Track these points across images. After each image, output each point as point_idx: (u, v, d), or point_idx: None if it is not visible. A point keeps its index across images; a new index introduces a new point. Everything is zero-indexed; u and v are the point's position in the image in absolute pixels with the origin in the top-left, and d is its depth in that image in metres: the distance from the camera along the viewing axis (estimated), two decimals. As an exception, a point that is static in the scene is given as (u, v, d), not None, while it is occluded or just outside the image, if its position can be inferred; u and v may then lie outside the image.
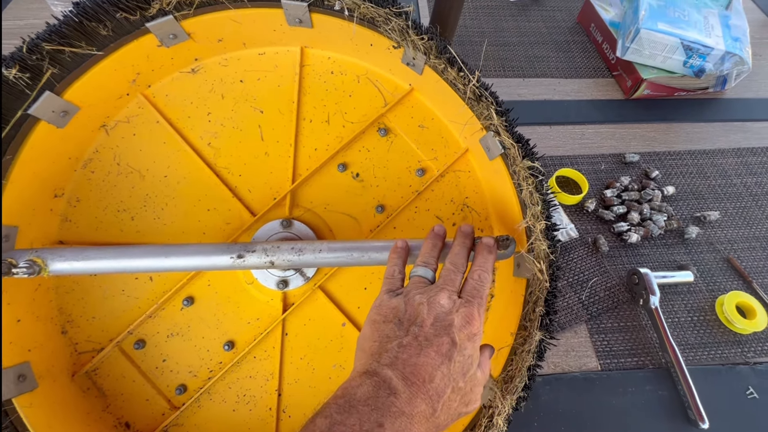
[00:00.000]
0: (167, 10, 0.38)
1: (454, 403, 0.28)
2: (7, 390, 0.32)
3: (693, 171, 0.72)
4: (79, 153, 0.41)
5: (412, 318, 0.30)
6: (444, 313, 0.30)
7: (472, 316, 0.30)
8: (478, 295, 0.32)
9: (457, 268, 0.33)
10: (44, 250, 0.34)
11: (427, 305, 0.30)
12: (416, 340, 0.28)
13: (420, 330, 0.29)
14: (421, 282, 0.33)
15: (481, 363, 0.31)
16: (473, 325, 0.30)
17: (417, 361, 0.27)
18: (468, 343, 0.29)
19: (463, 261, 0.34)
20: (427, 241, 0.37)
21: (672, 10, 0.77)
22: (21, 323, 0.36)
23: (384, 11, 0.36)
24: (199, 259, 0.36)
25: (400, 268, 0.35)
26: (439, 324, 0.29)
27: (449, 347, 0.28)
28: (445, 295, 0.31)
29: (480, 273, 0.33)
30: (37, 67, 0.34)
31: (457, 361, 0.28)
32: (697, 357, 0.54)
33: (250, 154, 0.44)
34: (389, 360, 0.28)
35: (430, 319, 0.29)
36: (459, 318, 0.30)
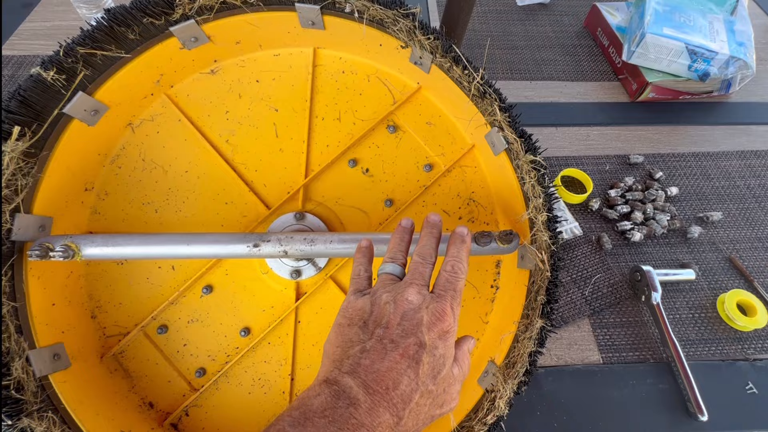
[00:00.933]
0: (189, 15, 0.40)
1: (423, 407, 0.26)
2: (44, 367, 0.35)
3: (697, 173, 0.73)
4: (107, 149, 0.43)
5: (377, 319, 0.28)
6: (412, 310, 0.28)
7: (443, 311, 0.28)
8: (451, 288, 0.30)
9: (425, 259, 0.32)
10: (77, 237, 0.36)
11: (393, 304, 0.28)
12: (381, 343, 0.26)
13: (385, 332, 0.27)
14: (389, 279, 0.31)
15: (458, 358, 0.29)
16: (445, 321, 0.28)
17: (380, 366, 0.25)
18: (439, 342, 0.27)
19: (431, 252, 0.32)
20: (394, 236, 0.35)
21: (677, 15, 0.78)
22: (55, 307, 0.38)
23: (392, 13, 0.39)
24: (218, 247, 0.38)
25: (365, 266, 0.34)
26: (407, 323, 0.27)
27: (417, 349, 0.26)
28: (414, 291, 0.29)
29: (453, 263, 0.31)
30: (72, 70, 0.37)
31: (426, 363, 0.26)
32: (698, 352, 0.55)
33: (265, 150, 0.46)
34: (350, 367, 0.26)
35: (396, 319, 0.28)
36: (429, 315, 0.28)
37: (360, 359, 0.26)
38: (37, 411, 0.33)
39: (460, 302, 0.30)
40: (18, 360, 0.33)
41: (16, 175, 0.34)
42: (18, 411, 0.32)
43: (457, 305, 0.30)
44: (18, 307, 0.35)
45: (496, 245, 0.39)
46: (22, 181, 0.35)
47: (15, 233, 0.35)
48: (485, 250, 0.39)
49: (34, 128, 0.35)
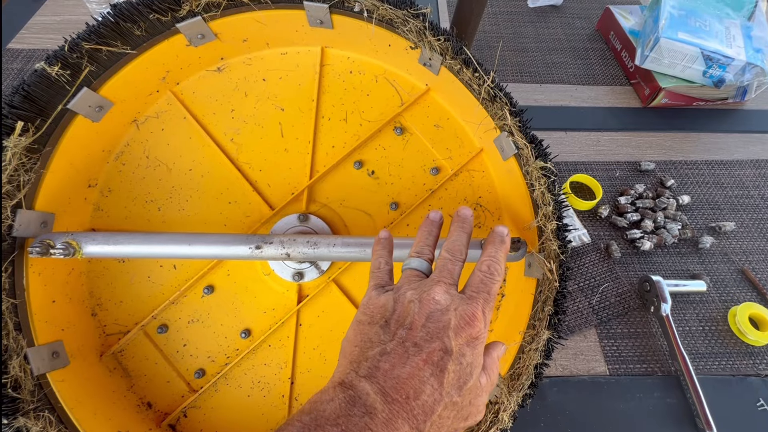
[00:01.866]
0: (196, 12, 0.40)
1: (447, 420, 0.24)
2: (43, 365, 0.34)
3: (709, 181, 0.71)
4: (111, 146, 0.43)
5: (400, 319, 0.26)
6: (439, 311, 0.26)
7: (473, 315, 0.26)
8: (485, 290, 0.27)
9: (454, 256, 0.29)
10: (79, 234, 0.36)
11: (419, 303, 0.26)
12: (402, 346, 0.24)
13: (408, 333, 0.25)
14: (415, 275, 0.29)
15: (486, 367, 0.27)
16: (474, 326, 0.25)
17: (401, 372, 0.23)
18: (467, 349, 0.25)
19: (461, 248, 0.30)
20: (421, 229, 0.32)
21: (693, 19, 0.76)
22: (55, 304, 0.38)
23: (402, 13, 0.38)
24: (220, 248, 0.37)
25: (386, 259, 0.31)
26: (432, 325, 0.25)
27: (442, 355, 0.24)
28: (441, 290, 0.27)
29: (490, 263, 0.29)
30: (77, 65, 0.36)
31: (451, 372, 0.24)
32: (707, 366, 0.54)
33: (270, 150, 0.46)
34: (368, 370, 0.23)
35: (421, 320, 0.25)
36: (457, 318, 0.25)
37: (379, 362, 0.24)
38: (34, 410, 0.32)
39: (493, 306, 0.28)
40: (16, 358, 0.32)
41: (19, 171, 0.34)
42: (14, 410, 0.31)
43: (489, 310, 0.27)
44: (18, 304, 0.34)
45: (503, 253, 0.38)
46: (24, 177, 0.34)
47: (16, 229, 0.34)
48: (492, 257, 0.38)
49: (37, 124, 0.35)
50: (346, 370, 0.24)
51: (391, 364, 0.24)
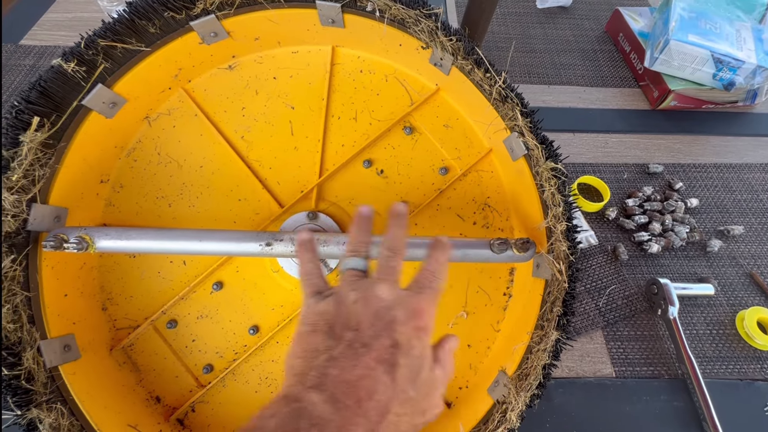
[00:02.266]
0: (210, 10, 0.40)
1: (404, 417, 0.23)
2: (55, 358, 0.35)
3: (718, 184, 0.71)
4: (124, 142, 0.43)
5: (345, 321, 0.25)
6: (385, 308, 0.25)
7: (420, 308, 0.26)
8: (430, 286, 0.27)
9: (394, 252, 0.29)
10: (92, 229, 0.36)
11: (363, 302, 0.25)
12: (351, 348, 0.23)
13: (356, 335, 0.24)
14: (354, 275, 0.28)
15: (440, 359, 0.26)
16: (421, 318, 0.25)
17: (351, 375, 0.22)
18: (416, 341, 0.24)
19: (400, 244, 0.30)
20: (353, 227, 0.31)
21: (703, 22, 0.76)
22: (67, 298, 0.38)
23: (414, 13, 0.38)
24: (230, 245, 0.38)
25: (315, 263, 0.30)
26: (380, 323, 0.24)
27: (393, 351, 0.23)
28: (385, 287, 0.26)
29: (434, 265, 0.29)
30: (92, 62, 0.37)
31: (403, 366, 0.23)
32: (714, 370, 0.54)
33: (280, 148, 0.46)
34: (315, 379, 0.22)
35: (368, 319, 0.24)
36: (403, 311, 0.25)
37: (327, 369, 0.22)
38: (47, 402, 0.33)
39: (436, 303, 0.27)
40: (29, 350, 0.33)
41: (34, 166, 0.34)
42: (28, 401, 0.32)
43: (434, 305, 0.27)
44: (31, 297, 0.35)
45: (512, 253, 0.38)
46: (39, 171, 0.35)
47: (31, 223, 0.35)
48: (501, 257, 0.38)
49: (53, 119, 0.36)
50: (291, 383, 0.23)
51: (340, 369, 0.22)
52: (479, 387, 0.42)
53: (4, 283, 0.32)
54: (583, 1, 1.00)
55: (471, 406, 0.41)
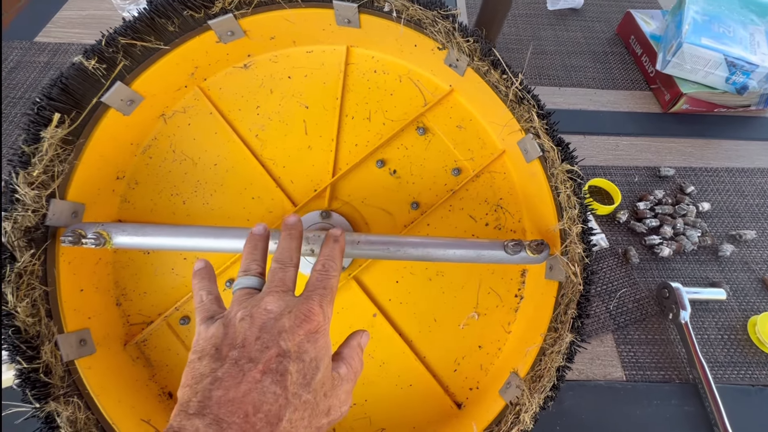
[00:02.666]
0: (228, 9, 0.40)
1: (302, 422, 0.23)
2: (71, 352, 0.35)
3: (730, 189, 0.70)
4: (140, 139, 0.44)
5: (232, 340, 0.24)
6: (272, 319, 0.25)
7: (309, 311, 0.25)
8: (321, 286, 0.27)
9: (284, 264, 0.28)
10: (109, 225, 0.36)
11: (250, 319, 0.25)
12: (236, 366, 0.23)
13: (241, 352, 0.23)
14: (245, 294, 0.28)
15: (345, 357, 0.27)
16: (312, 320, 0.25)
17: (236, 393, 0.21)
18: (308, 345, 0.24)
19: (290, 254, 0.29)
20: (245, 246, 0.31)
21: (717, 25, 0.76)
22: (83, 293, 0.39)
23: (432, 14, 0.38)
24: (244, 242, 0.38)
25: (208, 289, 0.30)
26: (267, 335, 0.24)
27: (280, 360, 0.23)
28: (273, 299, 0.26)
29: (324, 262, 0.29)
30: (112, 59, 0.37)
31: (294, 372, 0.23)
32: (726, 375, 0.53)
33: (294, 147, 0.46)
34: (198, 405, 0.21)
35: (254, 334, 0.24)
36: (291, 319, 0.25)
37: (211, 392, 0.22)
38: (64, 395, 0.33)
39: (332, 300, 0.27)
40: (48, 344, 0.33)
41: (54, 162, 0.35)
42: (46, 395, 0.32)
43: (327, 303, 0.27)
44: (49, 291, 0.35)
45: (526, 254, 0.38)
46: (58, 167, 0.35)
47: (49, 218, 0.35)
48: (514, 258, 0.38)
49: (72, 116, 0.36)
50: (174, 413, 0.22)
51: (224, 389, 0.22)
52: (490, 388, 0.42)
53: (24, 277, 0.33)
54: (594, 3, 1.00)
55: (482, 407, 0.41)
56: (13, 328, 0.32)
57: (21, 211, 0.33)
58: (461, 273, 0.46)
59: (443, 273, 0.46)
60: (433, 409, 0.44)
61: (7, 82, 0.73)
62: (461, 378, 0.44)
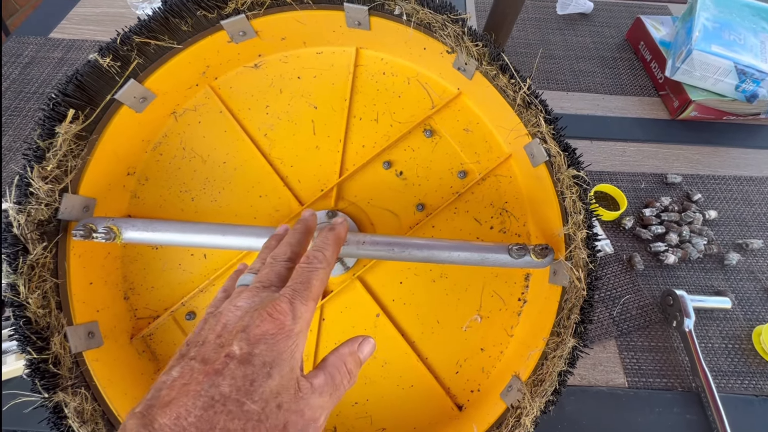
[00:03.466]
0: (241, 10, 0.41)
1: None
2: (80, 344, 0.36)
3: (737, 197, 0.70)
4: (150, 136, 0.44)
5: (197, 338, 0.23)
6: (236, 317, 0.23)
7: (274, 309, 0.22)
8: (299, 280, 0.24)
9: (275, 259, 0.26)
10: (119, 220, 0.37)
11: (219, 315, 0.23)
12: (188, 366, 0.21)
13: (199, 350, 0.22)
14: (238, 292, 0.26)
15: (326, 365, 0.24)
16: (274, 320, 0.22)
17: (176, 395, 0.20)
18: (262, 347, 0.21)
19: (285, 250, 0.27)
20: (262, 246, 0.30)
21: (727, 32, 0.75)
22: (92, 286, 0.39)
23: (441, 17, 0.38)
24: (252, 240, 0.38)
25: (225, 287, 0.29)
26: (227, 334, 0.22)
27: (225, 361, 0.21)
28: (247, 295, 0.24)
29: (312, 253, 0.26)
30: (127, 57, 0.38)
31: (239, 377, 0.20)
32: (729, 385, 0.53)
33: (302, 146, 0.47)
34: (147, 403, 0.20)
35: (215, 332, 0.22)
36: (255, 317, 0.22)
37: (159, 391, 0.20)
38: (72, 386, 0.34)
39: (309, 298, 0.24)
40: (57, 335, 0.34)
41: (67, 157, 0.35)
42: (54, 385, 0.33)
43: (301, 301, 0.23)
44: (60, 284, 0.36)
45: (530, 259, 0.38)
46: (72, 162, 0.36)
47: (61, 212, 0.36)
48: (519, 262, 0.39)
49: (86, 112, 0.37)
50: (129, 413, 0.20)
51: (167, 391, 0.20)
52: (491, 391, 0.42)
53: (36, 269, 0.33)
54: (603, 9, 0.99)
55: (483, 410, 0.41)
56: (24, 319, 0.32)
57: (34, 205, 0.33)
58: (465, 275, 0.46)
59: (447, 275, 0.46)
60: (434, 410, 0.44)
61: (22, 78, 0.74)
62: (463, 380, 0.45)
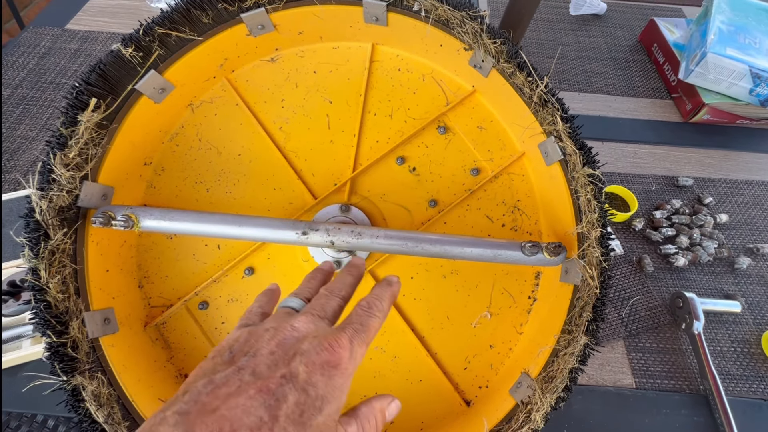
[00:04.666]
0: (260, 3, 0.41)
1: None
2: (96, 329, 0.36)
3: (749, 201, 0.70)
4: (168, 127, 0.45)
5: (246, 347, 0.22)
6: (294, 338, 0.22)
7: (336, 342, 0.22)
8: (358, 322, 0.24)
9: (331, 292, 0.27)
10: (137, 208, 0.38)
11: (273, 330, 0.23)
12: (237, 375, 0.20)
13: (250, 361, 0.21)
14: (285, 312, 0.26)
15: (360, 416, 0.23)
16: (335, 352, 0.22)
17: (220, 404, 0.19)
18: (319, 378, 0.21)
19: (341, 286, 0.27)
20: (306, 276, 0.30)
21: (742, 36, 0.75)
22: (109, 273, 0.40)
23: (461, 14, 0.39)
24: (267, 232, 0.39)
25: (261, 302, 0.29)
26: (281, 351, 0.22)
27: (283, 382, 0.20)
28: (305, 319, 0.24)
29: (371, 300, 0.26)
30: (148, 48, 0.38)
31: (291, 402, 0.20)
32: (738, 388, 0.53)
33: (316, 140, 0.47)
34: (183, 406, 0.19)
35: (269, 347, 0.22)
36: (314, 344, 0.22)
37: (200, 395, 0.19)
38: (89, 370, 0.34)
39: (366, 341, 0.24)
40: (75, 320, 0.34)
41: (89, 145, 0.36)
42: (73, 368, 0.33)
43: (359, 342, 0.23)
44: (78, 270, 0.36)
45: (543, 256, 0.39)
46: (92, 150, 0.36)
47: (81, 200, 0.36)
48: (531, 260, 0.39)
49: (108, 101, 0.37)
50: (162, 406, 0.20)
51: (213, 396, 0.19)
52: (500, 387, 0.43)
53: (56, 255, 0.34)
54: (617, 10, 0.99)
55: (491, 406, 0.42)
56: (44, 303, 0.33)
57: (56, 191, 0.34)
58: (476, 272, 0.46)
59: (458, 271, 0.46)
60: (442, 405, 0.44)
61: (39, 68, 0.75)
62: (471, 376, 0.45)
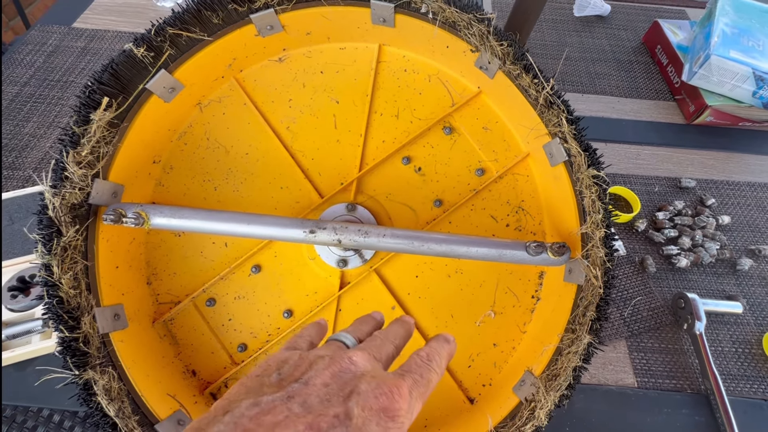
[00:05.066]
0: (270, 4, 0.42)
1: None
2: (106, 325, 0.37)
3: (751, 203, 0.70)
4: (176, 126, 0.45)
5: (298, 372, 0.21)
6: (351, 372, 0.21)
7: (397, 389, 0.20)
8: (418, 373, 0.22)
9: (386, 338, 0.25)
10: (147, 206, 0.38)
11: (329, 360, 0.21)
12: (285, 403, 0.18)
13: (301, 389, 0.19)
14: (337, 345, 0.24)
15: None
16: (394, 400, 0.19)
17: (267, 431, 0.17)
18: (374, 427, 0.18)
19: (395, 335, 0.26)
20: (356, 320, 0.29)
21: (746, 38, 0.75)
22: (118, 270, 0.40)
23: (468, 17, 0.39)
24: (275, 230, 0.39)
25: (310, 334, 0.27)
26: (336, 385, 0.20)
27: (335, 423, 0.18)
28: (364, 355, 0.22)
29: (430, 352, 0.24)
30: (159, 48, 0.39)
31: None
32: (738, 388, 0.53)
33: (323, 140, 0.48)
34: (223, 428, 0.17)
35: (323, 377, 0.20)
36: (373, 385, 0.20)
37: (242, 418, 0.17)
38: (100, 365, 0.35)
39: (424, 397, 0.22)
40: (87, 315, 0.35)
41: (100, 143, 0.36)
42: (84, 363, 0.34)
43: (418, 394, 0.21)
44: (89, 266, 0.37)
45: (547, 256, 0.39)
46: (104, 148, 0.37)
47: (92, 197, 0.37)
48: (536, 260, 0.39)
49: (119, 100, 0.38)
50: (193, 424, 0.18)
51: (257, 422, 0.17)
52: (504, 385, 0.43)
53: (68, 251, 0.35)
54: (621, 12, 0.99)
55: (495, 403, 0.42)
56: (57, 299, 0.33)
57: (69, 189, 0.34)
58: (480, 272, 0.47)
59: (462, 271, 0.47)
60: (446, 403, 0.45)
61: (46, 66, 0.75)
62: (475, 374, 0.45)
